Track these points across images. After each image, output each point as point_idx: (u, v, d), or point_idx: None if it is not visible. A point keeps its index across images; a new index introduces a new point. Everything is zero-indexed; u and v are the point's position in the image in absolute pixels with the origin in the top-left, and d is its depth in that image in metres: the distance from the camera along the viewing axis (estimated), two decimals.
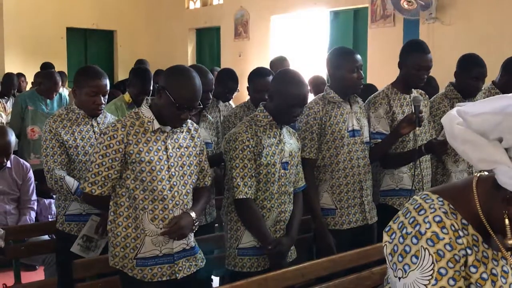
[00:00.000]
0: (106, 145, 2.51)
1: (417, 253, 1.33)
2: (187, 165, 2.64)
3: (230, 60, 10.53)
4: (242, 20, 10.69)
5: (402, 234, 1.37)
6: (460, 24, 7.58)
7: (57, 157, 3.14)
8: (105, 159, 2.52)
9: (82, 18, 11.79)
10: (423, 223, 1.34)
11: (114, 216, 2.60)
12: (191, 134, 2.72)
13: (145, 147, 2.53)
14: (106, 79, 3.22)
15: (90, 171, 2.55)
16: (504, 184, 1.33)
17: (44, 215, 4.62)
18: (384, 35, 8.28)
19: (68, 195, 3.16)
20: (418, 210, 1.38)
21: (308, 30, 9.97)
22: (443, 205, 1.38)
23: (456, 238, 1.33)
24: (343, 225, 3.29)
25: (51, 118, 3.24)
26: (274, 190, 2.91)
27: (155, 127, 2.57)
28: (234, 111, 4.12)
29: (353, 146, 3.28)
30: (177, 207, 2.58)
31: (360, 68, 3.28)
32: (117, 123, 2.56)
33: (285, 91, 2.85)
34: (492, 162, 1.33)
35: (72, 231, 3.23)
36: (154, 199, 2.54)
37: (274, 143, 2.91)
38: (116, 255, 2.60)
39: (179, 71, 2.60)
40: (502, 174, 1.33)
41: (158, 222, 2.55)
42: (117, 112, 4.32)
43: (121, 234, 2.58)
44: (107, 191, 2.57)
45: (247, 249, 2.92)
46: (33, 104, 5.59)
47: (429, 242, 1.32)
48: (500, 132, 1.31)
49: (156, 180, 2.53)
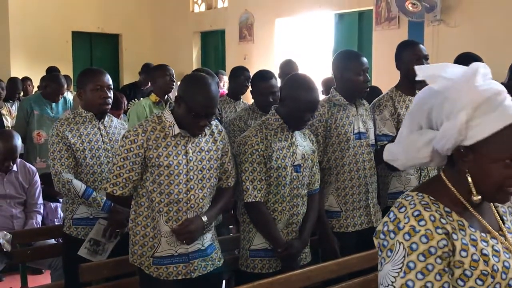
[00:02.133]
0: (127, 148, 2.59)
1: (392, 247, 1.38)
2: (206, 168, 2.69)
3: (235, 63, 10.48)
4: (247, 23, 10.71)
5: (383, 231, 1.42)
6: (466, 26, 7.56)
7: (64, 160, 3.16)
8: (126, 161, 2.60)
9: (87, 22, 11.83)
10: (402, 219, 1.39)
11: (134, 215, 2.70)
12: (214, 137, 2.76)
13: (164, 151, 2.59)
14: (107, 75, 3.28)
15: (112, 172, 2.64)
16: (446, 151, 1.43)
17: (51, 218, 4.63)
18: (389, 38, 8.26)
19: (75, 199, 3.17)
20: (399, 207, 1.43)
21: (313, 33, 9.98)
22: (423, 198, 1.42)
23: (436, 228, 1.36)
24: (348, 227, 3.30)
25: (58, 121, 3.27)
26: (285, 193, 2.93)
27: (175, 132, 2.62)
28: (239, 114, 4.14)
29: (358, 148, 3.29)
30: (191, 209, 2.64)
31: (366, 71, 3.29)
32: (139, 127, 2.63)
33: (296, 96, 2.87)
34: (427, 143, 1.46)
35: (80, 235, 3.24)
36: (169, 202, 2.60)
37: (285, 146, 2.94)
38: (134, 253, 2.69)
39: (194, 79, 2.68)
40: (438, 145, 1.43)
41: (172, 224, 2.62)
42: (145, 110, 4.53)
43: (140, 232, 2.67)
44: (128, 192, 2.66)
45: (259, 250, 2.95)
46: (38, 108, 5.60)
47: (406, 236, 1.36)
48: (422, 119, 1.49)
49: (174, 184, 2.59)
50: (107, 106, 3.26)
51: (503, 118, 1.37)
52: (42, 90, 5.83)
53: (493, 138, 1.37)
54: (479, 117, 1.38)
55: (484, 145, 1.38)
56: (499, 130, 1.36)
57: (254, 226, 2.95)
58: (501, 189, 1.40)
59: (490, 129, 1.37)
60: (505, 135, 1.36)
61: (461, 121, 1.38)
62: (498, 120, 1.37)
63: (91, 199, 3.16)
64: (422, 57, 3.46)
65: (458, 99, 1.40)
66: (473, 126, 1.38)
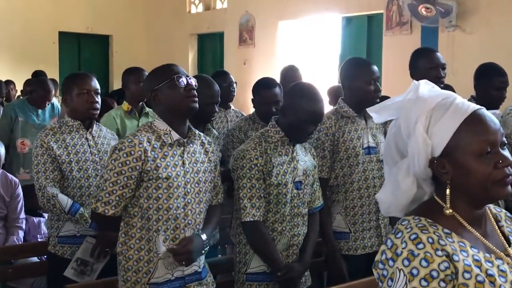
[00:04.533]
0: (122, 162, 2.52)
1: (392, 276, 1.40)
2: (202, 181, 2.67)
3: (234, 68, 10.55)
4: (248, 25, 10.73)
5: (381, 260, 1.44)
6: (483, 33, 7.58)
7: (49, 174, 3.15)
8: (120, 177, 2.52)
9: (75, 21, 11.84)
10: (400, 244, 1.42)
11: (125, 238, 2.61)
12: (205, 148, 2.74)
13: (163, 162, 2.55)
14: (94, 79, 3.28)
15: (104, 189, 2.54)
16: (424, 170, 1.49)
17: (33, 234, 4.60)
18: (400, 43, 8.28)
19: (61, 215, 3.16)
20: (396, 233, 1.46)
21: (319, 37, 10.00)
22: (420, 221, 1.45)
23: (435, 251, 1.38)
24: (357, 250, 3.29)
25: (42, 131, 3.26)
26: (286, 212, 2.91)
27: (173, 138, 2.59)
28: (238, 124, 4.13)
29: (368, 164, 3.28)
30: (189, 226, 2.60)
31: (377, 80, 3.30)
32: (134, 138, 2.57)
33: (299, 106, 2.86)
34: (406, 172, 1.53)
35: (65, 254, 3.23)
36: (168, 218, 2.55)
37: (286, 161, 2.92)
38: (128, 280, 2.60)
39: (151, 72, 2.75)
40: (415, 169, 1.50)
41: (169, 243, 2.56)
42: (115, 121, 4.32)
43: (133, 257, 2.58)
44: (120, 211, 2.57)
45: (256, 274, 2.92)
46: (23, 114, 5.60)
47: (405, 261, 1.38)
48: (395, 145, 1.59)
49: (173, 197, 2.55)
50: (95, 111, 3.25)
51: (458, 115, 1.46)
52: (28, 95, 5.82)
53: (458, 137, 1.45)
54: (436, 123, 1.47)
55: (453, 149, 1.44)
56: (459, 127, 1.45)
57: (251, 247, 2.92)
58: (493, 183, 1.43)
59: (450, 130, 1.45)
60: (467, 130, 1.44)
61: (420, 131, 1.47)
62: (454, 118, 1.46)
63: (78, 215, 3.14)
64: (439, 66, 3.47)
65: (410, 116, 1.51)
66: (433, 133, 1.47)
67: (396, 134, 1.57)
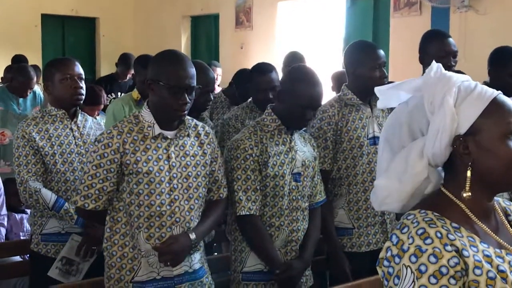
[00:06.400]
0: (100, 154, 2.55)
1: (398, 273, 1.41)
2: (192, 176, 2.66)
3: (230, 53, 10.54)
4: (245, 7, 10.71)
5: (387, 257, 1.45)
6: (497, 13, 7.56)
7: (32, 167, 3.15)
8: (99, 170, 2.55)
9: (60, 3, 11.79)
10: (406, 240, 1.43)
11: (110, 233, 2.65)
12: (200, 139, 2.74)
13: (143, 156, 2.56)
14: (78, 64, 3.29)
15: (83, 183, 2.59)
16: (445, 149, 1.50)
17: (15, 232, 4.62)
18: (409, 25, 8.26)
19: (44, 211, 3.17)
20: (401, 228, 1.47)
21: (321, 19, 9.97)
22: (427, 214, 1.47)
23: (444, 246, 1.39)
24: (361, 247, 3.30)
25: (24, 122, 3.26)
26: (283, 205, 2.92)
27: (155, 132, 2.60)
28: (235, 113, 4.13)
29: (373, 155, 3.29)
30: (176, 224, 2.60)
31: (383, 65, 3.31)
32: (113, 129, 2.59)
33: (297, 90, 2.87)
34: (420, 154, 1.54)
35: (49, 253, 3.24)
36: (150, 215, 2.56)
37: (283, 151, 2.92)
38: (111, 277, 2.64)
39: (160, 56, 2.69)
40: (433, 149, 1.51)
41: (154, 241, 2.57)
42: (123, 110, 4.42)
43: (117, 253, 2.62)
44: (102, 205, 2.60)
45: (253, 273, 2.94)
46: (3, 103, 5.60)
47: (412, 258, 1.39)
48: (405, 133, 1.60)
49: (154, 194, 2.56)
50: (80, 97, 3.26)
51: (485, 96, 1.52)
52: (8, 83, 5.81)
53: (483, 118, 1.49)
54: (463, 101, 1.51)
55: (478, 129, 1.50)
56: (485, 108, 1.50)
57: (247, 243, 2.93)
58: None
59: (477, 109, 1.50)
60: (493, 111, 1.50)
61: (449, 105, 1.50)
62: (480, 99, 1.51)
63: (63, 211, 3.16)
64: (450, 54, 3.48)
65: (436, 91, 1.53)
66: (461, 110, 1.50)
67: (413, 113, 1.59)
